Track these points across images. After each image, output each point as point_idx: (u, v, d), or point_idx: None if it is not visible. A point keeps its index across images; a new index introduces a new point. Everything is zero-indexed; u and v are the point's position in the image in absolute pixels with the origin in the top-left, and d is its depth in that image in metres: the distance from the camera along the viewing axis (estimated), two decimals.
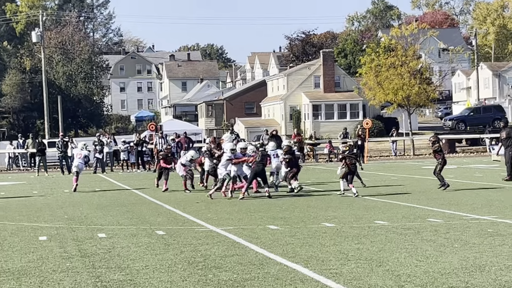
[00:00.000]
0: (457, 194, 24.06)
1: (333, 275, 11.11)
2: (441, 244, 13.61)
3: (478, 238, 14.28)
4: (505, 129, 29.91)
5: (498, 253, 12.57)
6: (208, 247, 14.00)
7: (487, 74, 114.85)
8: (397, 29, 69.14)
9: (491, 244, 13.47)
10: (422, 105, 67.94)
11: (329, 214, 18.94)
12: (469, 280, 10.50)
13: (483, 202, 21.11)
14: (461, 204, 20.59)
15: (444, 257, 12.28)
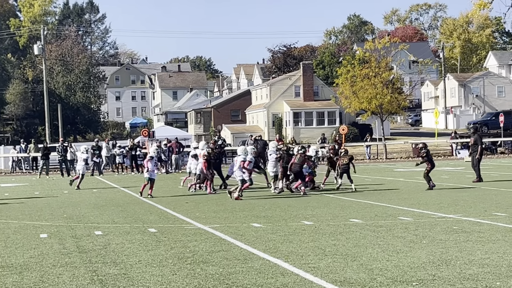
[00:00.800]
0: (426, 194, 24.12)
1: (311, 269, 11.11)
2: (411, 240, 13.63)
3: (444, 234, 14.30)
4: (474, 135, 29.97)
5: (463, 248, 12.59)
6: (196, 243, 13.97)
7: (453, 84, 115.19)
8: (370, 42, 69.19)
9: (456, 240, 13.49)
10: (393, 113, 68.06)
11: (308, 213, 18.93)
12: (436, 273, 10.52)
13: (449, 201, 21.14)
14: (429, 204, 20.62)
15: (413, 252, 12.29)
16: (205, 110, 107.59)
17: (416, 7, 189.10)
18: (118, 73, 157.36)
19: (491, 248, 12.47)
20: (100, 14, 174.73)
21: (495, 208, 18.85)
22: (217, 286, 10.09)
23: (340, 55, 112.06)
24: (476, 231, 14.69)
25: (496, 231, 14.55)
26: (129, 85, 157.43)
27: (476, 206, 19.65)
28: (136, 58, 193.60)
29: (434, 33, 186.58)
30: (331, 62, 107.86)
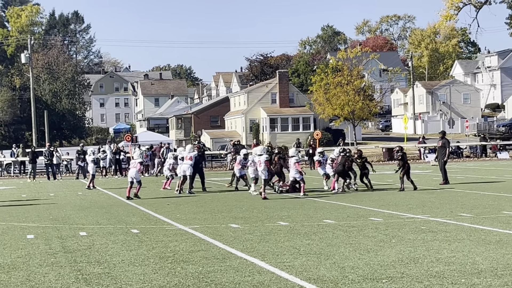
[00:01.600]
0: (395, 196, 24.21)
1: (286, 267, 11.12)
2: (381, 240, 13.68)
3: (413, 234, 14.36)
4: (441, 139, 30.06)
5: (430, 247, 12.66)
6: (177, 243, 13.95)
7: (421, 91, 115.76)
8: (343, 52, 69.56)
9: (424, 240, 13.56)
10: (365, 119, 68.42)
11: (284, 214, 18.95)
12: (405, 271, 10.57)
13: (418, 203, 21.24)
14: (398, 205, 20.70)
15: (383, 251, 12.34)
16: (186, 116, 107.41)
17: (386, 18, 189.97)
18: (102, 81, 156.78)
19: (456, 247, 12.54)
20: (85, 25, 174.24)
21: (460, 209, 18.96)
22: (196, 284, 10.08)
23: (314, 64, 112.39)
24: (443, 231, 14.77)
25: (462, 231, 14.63)
26: (113, 92, 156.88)
27: (442, 207, 19.75)
28: (119, 66, 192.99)
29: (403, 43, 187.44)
30: (305, 70, 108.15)
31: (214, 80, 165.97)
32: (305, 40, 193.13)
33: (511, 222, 15.86)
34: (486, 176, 34.39)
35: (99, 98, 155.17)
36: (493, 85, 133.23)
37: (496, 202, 20.64)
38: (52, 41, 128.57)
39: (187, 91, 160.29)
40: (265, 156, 24.99)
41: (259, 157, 25.18)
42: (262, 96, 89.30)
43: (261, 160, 24.94)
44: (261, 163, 24.94)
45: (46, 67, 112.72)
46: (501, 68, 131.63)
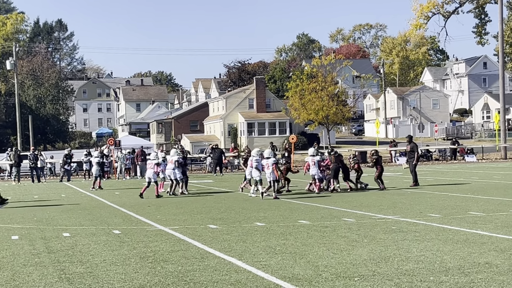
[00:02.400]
0: (367, 197, 24.27)
1: (262, 266, 11.13)
2: (353, 240, 13.72)
3: (384, 234, 14.42)
4: (410, 143, 30.18)
5: (400, 246, 12.71)
6: (157, 243, 13.91)
7: (392, 97, 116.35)
8: (317, 59, 69.71)
9: (395, 239, 13.61)
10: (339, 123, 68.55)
11: (260, 215, 18.95)
12: (376, 269, 10.61)
13: (389, 204, 21.32)
14: (370, 206, 20.77)
15: (355, 250, 12.37)
16: (166, 121, 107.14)
17: (359, 27, 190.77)
18: (85, 87, 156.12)
19: (426, 246, 12.61)
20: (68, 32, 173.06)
21: (430, 210, 19.06)
22: (176, 283, 10.06)
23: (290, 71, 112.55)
24: (413, 230, 14.84)
25: (431, 231, 14.71)
26: (96, 98, 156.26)
27: (412, 208, 19.84)
28: (102, 72, 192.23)
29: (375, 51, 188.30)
30: (281, 77, 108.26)
31: (194, 86, 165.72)
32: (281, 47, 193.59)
33: (478, 222, 15.97)
34: (454, 178, 34.60)
35: (82, 103, 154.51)
36: (461, 91, 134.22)
37: (463, 203, 20.77)
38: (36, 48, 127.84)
39: (168, 96, 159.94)
40: (273, 159, 25.43)
41: (267, 160, 25.43)
42: (240, 102, 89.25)
43: (269, 163, 25.25)
44: (268, 165, 25.21)
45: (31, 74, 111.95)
46: (469, 75, 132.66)
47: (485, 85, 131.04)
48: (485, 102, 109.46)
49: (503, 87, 60.76)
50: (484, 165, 50.49)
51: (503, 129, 61.51)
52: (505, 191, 25.00)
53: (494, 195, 23.25)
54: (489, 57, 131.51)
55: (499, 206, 19.67)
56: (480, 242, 12.91)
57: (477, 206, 19.83)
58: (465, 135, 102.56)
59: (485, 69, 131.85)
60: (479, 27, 69.13)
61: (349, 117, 69.34)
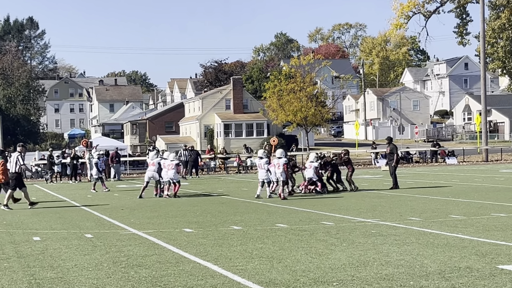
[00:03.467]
0: (346, 200, 24.32)
1: (239, 271, 11.11)
2: (332, 244, 13.73)
3: (363, 238, 14.45)
4: (390, 145, 30.26)
5: (380, 250, 12.74)
6: (131, 248, 13.85)
7: (372, 98, 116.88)
8: (296, 59, 69.81)
9: (374, 243, 13.65)
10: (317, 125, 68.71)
11: (237, 218, 18.93)
12: (355, 274, 10.62)
13: (368, 207, 21.39)
14: (349, 209, 20.82)
15: (334, 255, 12.38)
16: (141, 122, 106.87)
17: (338, 27, 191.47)
18: (57, 87, 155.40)
19: (405, 250, 12.65)
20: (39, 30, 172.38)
21: (410, 213, 19.14)
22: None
23: (268, 71, 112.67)
24: (392, 234, 14.89)
25: (411, 234, 14.77)
26: (68, 98, 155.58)
27: (392, 211, 19.92)
28: (74, 72, 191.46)
29: (355, 51, 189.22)
30: (259, 77, 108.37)
31: (169, 86, 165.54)
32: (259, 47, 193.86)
33: (458, 226, 16.05)
34: (434, 181, 34.78)
35: (53, 103, 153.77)
36: (442, 92, 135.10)
37: (444, 206, 20.88)
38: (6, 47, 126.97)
39: (142, 97, 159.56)
40: (284, 159, 25.82)
41: (278, 159, 25.82)
42: (216, 102, 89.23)
43: (280, 163, 25.64)
44: (279, 165, 25.59)
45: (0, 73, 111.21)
46: (450, 76, 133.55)
47: (466, 86, 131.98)
48: (466, 104, 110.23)
49: (484, 88, 61.20)
50: (465, 167, 50.83)
51: (484, 131, 61.96)
52: (486, 194, 25.17)
53: (475, 198, 23.40)
54: (471, 57, 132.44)
55: (480, 209, 19.79)
56: (461, 246, 12.97)
57: (458, 209, 19.95)
58: (446, 137, 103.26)
59: (466, 70, 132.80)
60: (460, 27, 69.57)
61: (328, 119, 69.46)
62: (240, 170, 54.23)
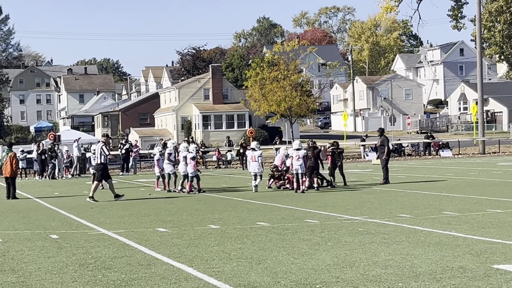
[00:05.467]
0: (333, 196, 24.34)
1: (215, 273, 11.07)
2: (316, 243, 13.72)
3: (349, 236, 14.45)
4: (381, 137, 30.32)
5: (367, 250, 12.74)
6: (99, 249, 13.77)
7: (361, 87, 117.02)
8: (279, 45, 69.73)
9: (361, 242, 13.65)
10: (302, 115, 68.65)
11: (215, 217, 18.89)
12: (340, 275, 10.61)
13: (356, 203, 21.41)
14: (336, 206, 20.83)
15: (318, 255, 12.37)
16: (113, 113, 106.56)
17: (325, 10, 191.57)
18: (22, 76, 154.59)
19: (394, 250, 12.66)
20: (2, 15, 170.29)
21: (400, 210, 19.17)
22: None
23: (249, 58, 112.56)
24: (381, 232, 14.90)
25: (401, 233, 14.79)
26: (34, 88, 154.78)
27: (382, 207, 19.95)
28: (41, 60, 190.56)
29: (343, 36, 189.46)
30: (240, 64, 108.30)
31: (144, 75, 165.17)
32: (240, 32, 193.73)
33: (452, 223, 16.09)
34: (428, 175, 34.90)
35: (18, 94, 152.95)
36: (436, 80, 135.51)
37: (437, 202, 20.94)
38: None
39: (115, 86, 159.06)
40: (303, 151, 26.61)
41: (297, 151, 26.57)
42: (194, 92, 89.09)
43: (300, 154, 26.41)
44: (299, 157, 26.34)
45: None
46: (444, 63, 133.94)
47: (462, 74, 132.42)
48: (461, 92, 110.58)
49: (481, 75, 61.44)
50: (460, 160, 51.04)
51: (480, 122, 62.21)
52: (482, 189, 25.28)
53: (470, 193, 23.49)
54: (466, 43, 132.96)
55: (475, 205, 19.87)
56: (454, 245, 13.00)
57: (452, 205, 20.01)
58: (440, 128, 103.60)
59: (462, 56, 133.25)
60: (455, 10, 69.75)
61: (314, 109, 69.42)
62: (219, 165, 54.18)
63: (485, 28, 71.89)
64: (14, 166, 27.73)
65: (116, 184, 35.20)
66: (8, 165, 27.68)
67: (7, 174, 27.78)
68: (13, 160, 27.80)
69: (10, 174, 27.71)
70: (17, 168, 28.47)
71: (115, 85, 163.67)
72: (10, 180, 27.85)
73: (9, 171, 27.67)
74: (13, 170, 27.73)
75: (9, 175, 27.75)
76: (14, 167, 27.74)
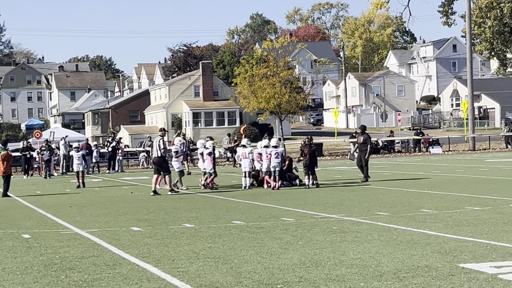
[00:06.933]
0: (314, 194, 24.23)
1: (179, 273, 11.01)
2: (287, 242, 13.66)
3: (322, 235, 14.39)
4: (363, 135, 30.18)
5: (337, 249, 12.68)
6: (68, 249, 13.70)
7: (354, 83, 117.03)
8: (268, 42, 69.60)
9: (332, 241, 13.59)
10: (292, 112, 68.40)
11: (192, 215, 18.82)
12: (304, 275, 10.55)
13: (336, 201, 21.34)
14: (315, 204, 20.77)
15: (286, 254, 12.31)
16: (103, 111, 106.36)
17: (318, 6, 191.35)
18: (13, 73, 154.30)
19: (364, 248, 12.61)
20: None
21: (379, 207, 19.12)
22: None
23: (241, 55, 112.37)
24: (354, 231, 14.84)
25: (374, 231, 14.74)
26: (25, 85, 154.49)
27: (361, 205, 19.89)
28: (32, 57, 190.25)
29: (336, 32, 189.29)
30: (231, 61, 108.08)
31: (136, 72, 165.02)
32: (233, 29, 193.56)
33: (427, 221, 16.05)
34: (413, 172, 34.86)
35: (9, 92, 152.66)
36: (429, 76, 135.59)
37: (417, 200, 20.90)
38: None
39: (106, 83, 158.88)
40: (281, 148, 27.68)
41: (275, 149, 26.82)
42: (184, 89, 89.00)
43: (278, 152, 26.89)
44: (278, 155, 26.78)
45: None
46: (437, 59, 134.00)
47: (454, 70, 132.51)
48: (454, 89, 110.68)
49: (471, 71, 61.42)
50: (449, 157, 51.02)
51: (471, 118, 62.21)
52: (465, 186, 25.24)
53: (452, 191, 23.43)
54: (459, 39, 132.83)
55: (455, 202, 19.82)
56: (424, 243, 12.95)
57: (431, 202, 19.96)
58: (432, 125, 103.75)
59: (455, 52, 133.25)
60: (445, 6, 69.72)
61: (303, 106, 69.16)
62: None
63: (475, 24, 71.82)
64: (4, 164, 27.72)
65: (101, 183, 35.35)
66: (0, 164, 27.75)
67: (0, 173, 27.87)
68: (5, 158, 27.82)
69: (1, 173, 27.78)
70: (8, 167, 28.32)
71: (108, 82, 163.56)
72: (4, 178, 27.91)
73: (1, 170, 27.74)
74: (4, 169, 27.72)
75: (1, 174, 27.83)
76: (5, 166, 27.72)
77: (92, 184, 33.79)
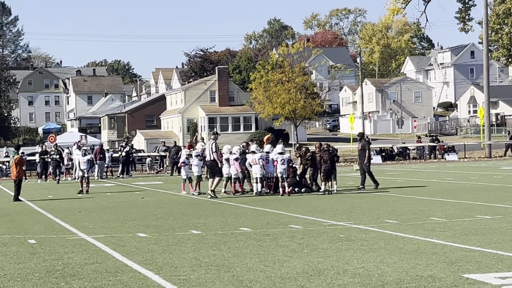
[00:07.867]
0: (325, 201, 24.09)
1: (180, 281, 10.91)
2: (293, 250, 13.54)
3: (328, 243, 14.25)
4: (361, 141, 29.88)
5: (341, 257, 12.55)
6: (72, 255, 13.62)
7: (371, 89, 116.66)
8: (284, 47, 69.55)
9: (338, 249, 13.45)
10: (308, 118, 68.32)
11: (200, 222, 18.72)
12: (305, 284, 10.43)
13: (346, 208, 21.20)
14: (325, 211, 20.62)
15: (290, 262, 12.19)
16: (119, 115, 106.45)
17: (336, 12, 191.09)
18: (31, 77, 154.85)
19: (369, 257, 12.46)
20: (12, 17, 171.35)
21: (388, 215, 18.96)
22: None
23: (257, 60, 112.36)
24: (361, 239, 14.70)
25: (381, 239, 14.59)
26: (43, 90, 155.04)
27: (370, 213, 19.74)
28: (50, 62, 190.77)
29: (354, 38, 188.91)
30: (247, 66, 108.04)
31: (154, 77, 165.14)
32: (251, 34, 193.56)
33: (436, 229, 15.88)
34: (427, 179, 34.63)
35: (27, 95, 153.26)
36: (446, 82, 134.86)
37: (427, 208, 20.71)
38: None
39: (123, 88, 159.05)
40: (287, 155, 27.49)
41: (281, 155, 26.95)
42: (200, 94, 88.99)
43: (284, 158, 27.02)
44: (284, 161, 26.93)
45: None
46: (454, 65, 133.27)
47: (472, 76, 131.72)
48: (471, 95, 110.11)
49: (487, 78, 61.12)
50: (464, 164, 50.69)
51: (487, 125, 61.86)
52: (477, 194, 25.02)
53: (464, 199, 23.23)
54: (477, 45, 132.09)
55: (465, 210, 19.64)
56: (430, 252, 12.80)
57: (441, 210, 19.78)
58: (449, 131, 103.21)
59: (473, 58, 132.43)
60: (463, 12, 69.39)
61: (318, 112, 69.11)
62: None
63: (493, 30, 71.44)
64: (17, 169, 27.82)
65: (114, 187, 35.32)
66: (13, 168, 27.98)
67: (13, 177, 28.10)
68: (17, 163, 27.91)
69: (14, 177, 27.98)
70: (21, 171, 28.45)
71: (125, 86, 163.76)
72: (16, 183, 28.01)
73: (14, 174, 27.93)
74: (17, 173, 27.85)
75: (14, 178, 28.03)
76: (17, 170, 27.83)
77: (104, 189, 33.81)
